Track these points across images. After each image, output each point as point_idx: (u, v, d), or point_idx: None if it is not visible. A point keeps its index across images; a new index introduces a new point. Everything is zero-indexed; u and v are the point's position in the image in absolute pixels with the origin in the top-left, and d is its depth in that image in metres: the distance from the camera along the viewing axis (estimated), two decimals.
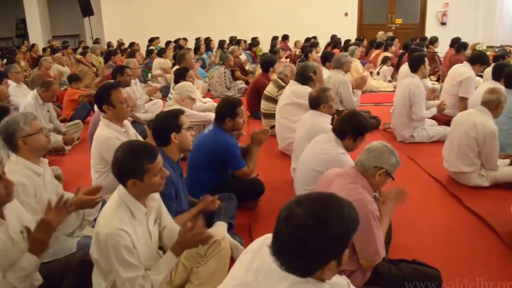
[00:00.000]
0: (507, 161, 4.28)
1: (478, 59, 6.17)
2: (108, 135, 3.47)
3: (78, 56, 10.51)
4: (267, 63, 7.03)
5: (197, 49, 11.23)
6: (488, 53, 9.78)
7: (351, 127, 3.16)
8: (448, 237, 3.39)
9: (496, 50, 9.96)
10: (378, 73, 9.64)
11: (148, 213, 2.32)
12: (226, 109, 3.63)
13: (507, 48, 10.09)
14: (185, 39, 13.51)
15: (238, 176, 3.70)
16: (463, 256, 3.13)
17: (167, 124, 2.96)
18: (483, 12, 14.31)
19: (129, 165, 2.18)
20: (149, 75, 9.80)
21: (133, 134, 3.82)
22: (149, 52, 10.73)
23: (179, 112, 3.05)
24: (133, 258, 2.12)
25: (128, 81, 5.65)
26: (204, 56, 10.93)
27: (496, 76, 5.27)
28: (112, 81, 5.27)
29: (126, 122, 3.84)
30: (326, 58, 7.27)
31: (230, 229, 3.13)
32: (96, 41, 13.77)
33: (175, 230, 2.50)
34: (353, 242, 2.39)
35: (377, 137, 5.78)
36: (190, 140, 3.03)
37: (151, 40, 13.44)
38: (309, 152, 3.43)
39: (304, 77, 5.16)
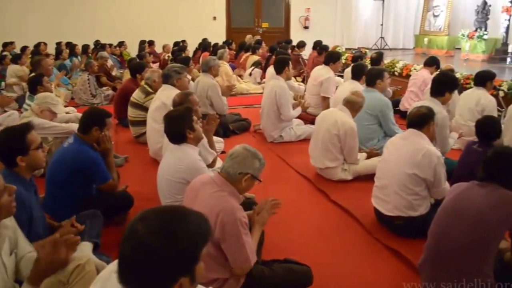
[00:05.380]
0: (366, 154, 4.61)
1: (330, 58, 6.60)
2: None
3: None
4: (135, 69, 6.75)
5: (58, 55, 10.46)
6: (346, 54, 10.57)
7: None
8: (318, 232, 3.54)
9: (354, 52, 10.75)
10: (250, 74, 9.84)
11: (1, 242, 2.07)
12: (95, 118, 3.42)
13: (363, 50, 10.93)
14: (45, 44, 12.50)
15: (104, 190, 3.47)
16: (332, 249, 3.28)
17: (11, 147, 2.60)
18: (340, 17, 15.42)
19: None
20: (3, 83, 8.89)
21: None
22: (1, 58, 9.71)
23: (25, 130, 2.66)
24: None
25: None
26: (67, 62, 10.21)
27: (355, 76, 5.66)
28: None
29: None
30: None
31: (96, 248, 2.90)
32: None
33: (34, 258, 2.23)
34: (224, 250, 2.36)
35: (248, 138, 5.89)
36: (42, 158, 2.72)
37: (5, 45, 12.23)
38: (163, 163, 3.32)
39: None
